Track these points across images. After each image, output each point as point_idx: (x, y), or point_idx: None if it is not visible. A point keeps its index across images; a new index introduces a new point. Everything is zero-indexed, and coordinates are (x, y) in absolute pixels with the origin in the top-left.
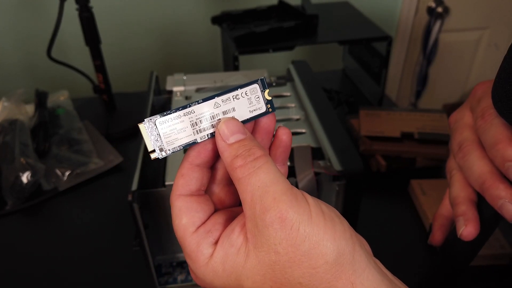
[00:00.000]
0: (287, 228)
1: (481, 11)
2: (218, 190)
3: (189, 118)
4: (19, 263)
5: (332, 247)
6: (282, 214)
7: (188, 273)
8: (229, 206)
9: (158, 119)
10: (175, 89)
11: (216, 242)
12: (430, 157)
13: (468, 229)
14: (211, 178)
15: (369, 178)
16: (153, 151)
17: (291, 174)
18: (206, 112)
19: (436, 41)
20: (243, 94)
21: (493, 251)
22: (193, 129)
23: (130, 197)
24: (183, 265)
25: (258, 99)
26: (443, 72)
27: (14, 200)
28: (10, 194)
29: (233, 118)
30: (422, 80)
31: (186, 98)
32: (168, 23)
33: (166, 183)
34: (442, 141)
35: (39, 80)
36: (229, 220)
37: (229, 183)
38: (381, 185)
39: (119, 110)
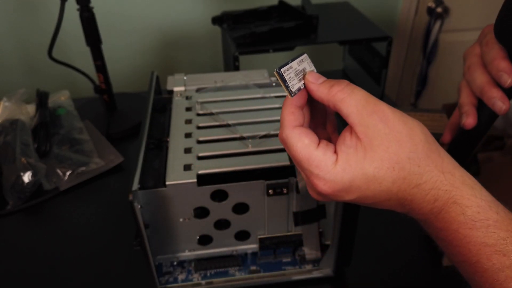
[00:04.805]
0: (390, 122)
1: (481, 11)
2: (315, 132)
3: (292, 70)
4: (19, 263)
5: (421, 129)
6: (384, 113)
7: (188, 272)
8: None
9: (282, 68)
10: (175, 89)
11: (334, 152)
12: None
13: (468, 120)
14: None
15: None
16: (287, 90)
17: (291, 173)
18: (297, 68)
19: (436, 41)
20: (303, 60)
21: None
22: (296, 78)
23: (130, 197)
24: (183, 265)
25: (310, 63)
26: (443, 72)
27: (15, 200)
28: (11, 194)
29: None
30: (422, 80)
31: (187, 98)
32: (168, 23)
33: (167, 183)
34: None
35: (40, 80)
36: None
37: (320, 125)
38: None
39: (120, 110)
